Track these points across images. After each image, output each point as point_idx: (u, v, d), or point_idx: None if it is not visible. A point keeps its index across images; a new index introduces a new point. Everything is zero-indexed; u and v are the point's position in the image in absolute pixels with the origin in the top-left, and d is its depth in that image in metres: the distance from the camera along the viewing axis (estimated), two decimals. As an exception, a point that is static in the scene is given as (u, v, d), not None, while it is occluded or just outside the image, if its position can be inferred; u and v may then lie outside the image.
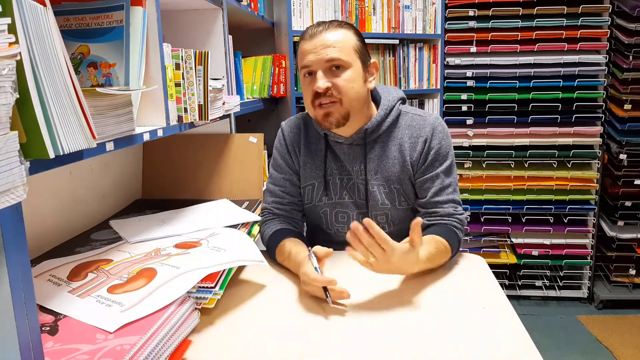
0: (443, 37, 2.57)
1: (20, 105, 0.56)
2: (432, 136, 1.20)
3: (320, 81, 1.11)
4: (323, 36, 1.12)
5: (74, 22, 0.98)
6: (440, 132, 1.21)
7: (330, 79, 1.12)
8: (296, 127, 1.30)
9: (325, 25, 1.14)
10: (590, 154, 2.57)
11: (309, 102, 1.16)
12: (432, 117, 1.23)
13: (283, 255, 1.15)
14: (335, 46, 1.11)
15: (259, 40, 2.53)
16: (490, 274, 1.14)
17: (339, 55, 1.11)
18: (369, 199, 1.22)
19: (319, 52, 1.11)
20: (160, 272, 0.92)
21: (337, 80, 1.12)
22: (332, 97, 1.12)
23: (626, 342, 2.34)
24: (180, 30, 1.53)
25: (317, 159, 1.26)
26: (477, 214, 2.70)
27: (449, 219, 1.18)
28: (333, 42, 1.12)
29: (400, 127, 1.22)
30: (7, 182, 0.52)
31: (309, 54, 1.13)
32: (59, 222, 1.17)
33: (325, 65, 1.11)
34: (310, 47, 1.13)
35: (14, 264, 0.56)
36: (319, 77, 1.11)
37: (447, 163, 1.20)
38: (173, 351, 0.79)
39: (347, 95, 1.12)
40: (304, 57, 1.14)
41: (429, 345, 0.83)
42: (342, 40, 1.13)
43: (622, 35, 2.42)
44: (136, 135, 0.90)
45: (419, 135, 1.20)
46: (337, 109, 1.13)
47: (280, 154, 1.30)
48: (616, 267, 2.68)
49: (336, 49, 1.11)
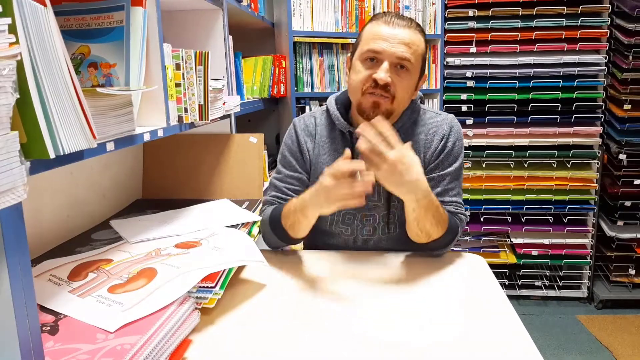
0: (443, 37, 2.57)
1: (20, 105, 0.56)
2: (449, 135, 1.20)
3: (384, 73, 1.08)
4: (403, 31, 1.09)
5: (75, 22, 0.98)
6: (456, 132, 1.21)
7: (393, 76, 1.09)
8: (310, 125, 1.27)
9: (407, 21, 1.12)
10: (590, 154, 2.58)
11: (359, 86, 1.12)
12: (449, 117, 1.24)
13: (289, 211, 1.13)
14: (411, 47, 1.09)
15: (259, 41, 2.53)
16: (490, 273, 1.14)
17: (411, 57, 1.09)
18: (391, 198, 1.20)
19: (394, 45, 1.08)
20: (161, 272, 0.92)
21: (398, 81, 1.10)
22: (387, 92, 1.10)
23: (626, 342, 2.34)
24: (181, 30, 1.53)
25: (338, 159, 1.23)
26: (476, 214, 2.71)
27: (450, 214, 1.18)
28: (410, 42, 1.09)
29: (418, 124, 1.22)
30: (8, 182, 0.52)
31: (383, 41, 1.09)
32: (59, 222, 1.17)
33: (395, 59, 1.08)
34: (387, 34, 1.09)
35: (14, 264, 0.56)
36: (384, 69, 1.08)
37: (456, 164, 1.20)
38: (173, 351, 0.79)
39: (400, 97, 1.12)
40: (375, 41, 1.09)
41: (428, 345, 0.83)
42: (417, 44, 1.11)
43: (621, 36, 2.42)
44: (136, 136, 0.90)
45: (435, 132, 1.20)
46: (386, 104, 1.11)
47: (291, 150, 1.27)
48: (616, 267, 2.68)
49: (411, 50, 1.09)
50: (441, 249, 1.18)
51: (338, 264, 1.17)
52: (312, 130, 1.26)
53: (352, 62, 1.17)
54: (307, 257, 1.23)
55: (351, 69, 1.17)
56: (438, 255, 1.21)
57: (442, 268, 1.15)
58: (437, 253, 1.20)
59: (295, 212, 1.11)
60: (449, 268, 1.16)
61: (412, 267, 1.15)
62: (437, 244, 1.14)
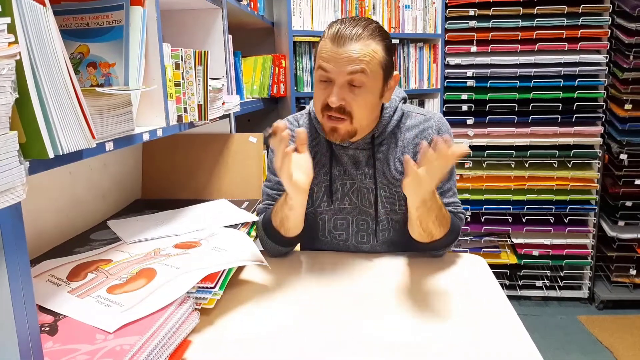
0: (443, 36, 2.56)
1: (19, 105, 0.56)
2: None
3: (334, 97, 1.04)
4: (352, 45, 1.02)
5: (74, 21, 0.98)
6: (444, 132, 1.19)
7: (346, 95, 1.05)
8: (294, 128, 1.24)
9: (357, 31, 1.03)
10: (591, 153, 2.57)
11: (319, 108, 1.10)
12: (436, 117, 1.21)
13: (275, 210, 1.14)
14: (362, 62, 1.02)
15: (259, 40, 2.53)
16: (491, 274, 1.13)
17: (361, 74, 1.03)
18: (378, 203, 1.19)
19: (342, 64, 1.03)
20: (160, 272, 0.92)
21: (352, 99, 1.06)
22: (343, 113, 1.06)
23: (627, 343, 2.34)
24: (180, 30, 1.53)
25: (319, 164, 1.20)
26: (477, 214, 2.70)
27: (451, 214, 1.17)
28: (360, 56, 1.02)
29: (404, 128, 1.20)
30: (7, 182, 0.52)
31: (331, 61, 1.04)
32: (58, 222, 1.16)
33: (345, 78, 1.04)
34: (334, 53, 1.03)
35: (14, 264, 0.56)
36: (335, 92, 1.04)
37: None
38: (173, 351, 0.79)
39: (359, 115, 1.07)
40: (324, 60, 1.05)
41: (428, 345, 0.83)
42: (371, 54, 1.04)
43: (622, 35, 2.42)
44: (136, 135, 0.90)
45: (423, 136, 1.18)
46: (345, 126, 1.08)
47: None
48: (617, 267, 2.68)
49: (363, 62, 1.03)
50: (442, 249, 1.18)
51: (337, 264, 1.17)
52: None
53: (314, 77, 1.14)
54: (306, 258, 1.23)
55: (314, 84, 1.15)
56: (438, 256, 1.21)
57: (442, 268, 1.15)
58: (437, 253, 1.20)
59: (282, 207, 1.11)
60: (449, 268, 1.15)
61: (412, 268, 1.15)
62: (439, 244, 1.14)
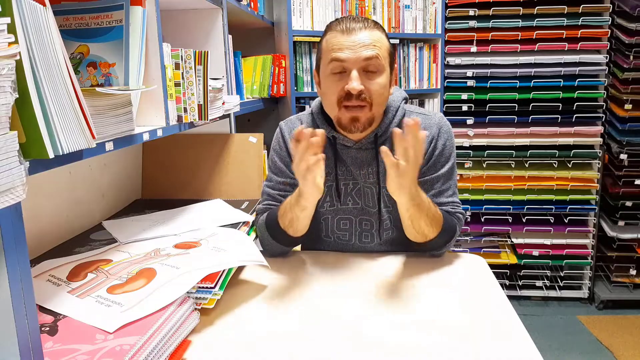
0: (443, 36, 2.56)
1: (19, 105, 0.56)
2: (438, 136, 1.18)
3: (355, 82, 1.03)
4: (362, 34, 1.05)
5: (74, 21, 0.98)
6: (445, 132, 1.19)
7: (364, 81, 1.05)
8: (297, 127, 1.25)
9: (363, 22, 1.07)
10: (591, 154, 2.57)
11: (334, 101, 1.08)
12: (437, 117, 1.21)
13: (285, 210, 1.12)
14: (375, 45, 1.05)
15: (259, 40, 2.53)
16: (491, 274, 1.13)
17: (376, 59, 1.05)
18: (381, 202, 1.19)
19: (357, 50, 1.04)
20: (160, 272, 0.92)
21: (371, 85, 1.06)
22: (363, 100, 1.06)
23: (627, 343, 2.34)
24: (180, 30, 1.53)
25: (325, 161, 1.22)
26: (477, 214, 2.70)
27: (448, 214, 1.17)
28: (372, 41, 1.05)
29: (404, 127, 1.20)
30: (7, 182, 0.52)
31: (345, 50, 1.04)
32: (58, 222, 1.16)
33: (362, 64, 1.04)
34: (347, 42, 1.04)
35: (14, 264, 0.56)
36: (354, 78, 1.03)
37: (448, 165, 1.18)
38: (173, 351, 0.79)
39: (378, 101, 1.07)
40: (337, 51, 1.05)
41: (428, 346, 0.83)
42: (380, 41, 1.06)
43: (622, 35, 2.42)
44: (136, 135, 0.90)
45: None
46: (365, 114, 1.07)
47: (280, 156, 1.24)
48: (617, 267, 2.68)
49: (376, 48, 1.05)
50: (439, 249, 1.18)
51: (338, 264, 1.17)
52: None
53: (320, 78, 1.14)
54: (307, 258, 1.23)
55: (321, 84, 1.14)
56: (438, 256, 1.21)
57: (442, 268, 1.15)
58: (436, 253, 1.20)
59: (292, 208, 1.10)
60: (449, 268, 1.15)
61: (413, 268, 1.15)
62: (435, 244, 1.14)
